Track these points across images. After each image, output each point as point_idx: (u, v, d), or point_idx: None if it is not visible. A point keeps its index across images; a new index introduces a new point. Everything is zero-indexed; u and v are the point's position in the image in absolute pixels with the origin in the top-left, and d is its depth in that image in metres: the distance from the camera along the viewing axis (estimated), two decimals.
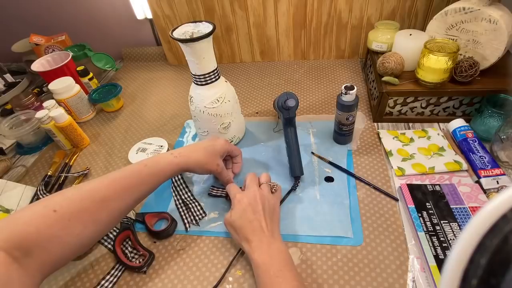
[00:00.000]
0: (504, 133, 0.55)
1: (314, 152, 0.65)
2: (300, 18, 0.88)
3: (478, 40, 0.61)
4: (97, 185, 0.43)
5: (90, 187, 0.43)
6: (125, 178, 0.46)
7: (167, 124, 0.79)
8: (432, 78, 0.61)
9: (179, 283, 0.48)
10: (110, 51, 1.06)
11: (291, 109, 0.59)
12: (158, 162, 0.49)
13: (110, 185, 0.44)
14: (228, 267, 0.48)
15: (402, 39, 0.69)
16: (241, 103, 0.82)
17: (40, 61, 0.86)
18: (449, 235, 0.46)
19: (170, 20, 0.94)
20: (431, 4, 0.80)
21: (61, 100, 0.78)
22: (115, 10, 1.04)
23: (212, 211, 0.57)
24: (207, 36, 0.52)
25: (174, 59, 1.05)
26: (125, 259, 0.51)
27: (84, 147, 0.76)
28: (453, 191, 0.52)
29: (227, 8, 0.89)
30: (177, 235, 0.54)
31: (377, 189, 0.56)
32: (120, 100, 0.88)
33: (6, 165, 0.72)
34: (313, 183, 0.59)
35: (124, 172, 0.46)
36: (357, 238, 0.50)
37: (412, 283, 0.44)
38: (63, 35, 1.02)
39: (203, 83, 0.59)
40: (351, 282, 0.45)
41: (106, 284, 0.48)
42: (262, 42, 0.95)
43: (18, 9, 1.08)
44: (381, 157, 0.62)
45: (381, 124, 0.70)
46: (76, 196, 0.42)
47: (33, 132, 0.75)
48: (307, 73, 0.91)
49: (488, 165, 0.54)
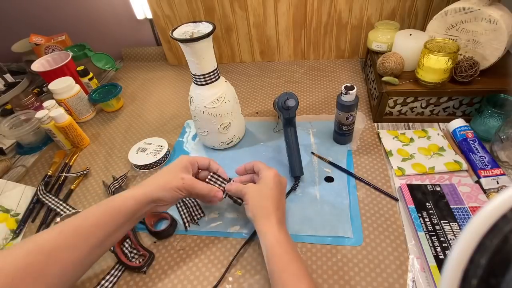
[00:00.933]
0: (504, 133, 0.55)
1: (314, 152, 0.65)
2: (300, 18, 0.88)
3: (478, 40, 0.61)
4: (46, 236, 0.38)
5: (37, 239, 0.38)
6: (76, 223, 0.40)
7: (167, 124, 0.79)
8: (432, 78, 0.61)
9: (179, 283, 0.48)
10: (110, 51, 1.06)
11: (291, 109, 0.59)
12: (112, 200, 0.44)
13: (60, 234, 0.38)
14: (228, 267, 0.48)
15: (402, 39, 0.69)
16: (241, 103, 0.82)
17: (40, 61, 0.86)
18: (449, 235, 0.46)
19: (170, 20, 0.94)
20: (431, 4, 0.80)
21: (61, 100, 0.78)
22: (115, 10, 1.04)
23: (212, 211, 0.57)
24: (207, 36, 0.52)
25: (174, 59, 1.05)
26: (125, 259, 0.50)
27: (84, 147, 0.76)
28: (453, 191, 0.52)
29: (227, 8, 0.89)
30: (177, 235, 0.54)
31: (377, 189, 0.56)
32: (120, 100, 0.88)
33: (6, 165, 0.72)
34: (313, 183, 0.59)
35: (76, 219, 0.41)
36: (357, 238, 0.50)
37: (412, 283, 0.44)
38: (63, 35, 1.02)
39: (203, 83, 0.59)
40: (351, 282, 0.45)
41: (106, 284, 0.48)
42: (262, 42, 0.95)
43: (18, 9, 1.08)
44: (381, 157, 0.62)
45: (381, 124, 0.70)
46: (20, 250, 0.36)
47: (33, 132, 0.75)
48: (307, 73, 0.91)
49: (488, 165, 0.54)
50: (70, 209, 0.60)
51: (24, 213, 0.61)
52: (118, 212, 0.43)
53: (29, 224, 0.60)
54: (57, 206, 0.61)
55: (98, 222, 0.41)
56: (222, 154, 0.68)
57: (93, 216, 0.41)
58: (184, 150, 0.71)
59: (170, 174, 0.48)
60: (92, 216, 0.41)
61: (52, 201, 0.62)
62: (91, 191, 0.64)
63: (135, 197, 0.44)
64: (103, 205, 0.43)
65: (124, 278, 0.49)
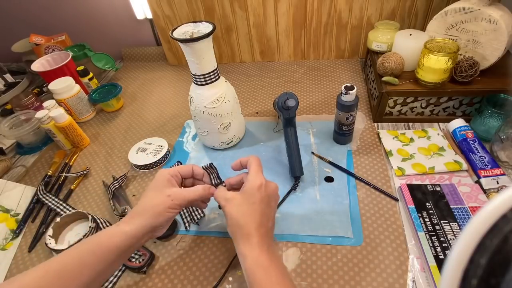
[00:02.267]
0: (504, 133, 0.55)
1: (314, 152, 0.65)
2: (300, 18, 0.88)
3: (478, 40, 0.61)
4: (28, 281, 0.35)
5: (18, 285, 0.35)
6: (62, 264, 0.37)
7: (167, 124, 0.79)
8: (432, 78, 0.61)
9: (179, 283, 0.48)
10: (110, 51, 1.06)
11: (291, 109, 0.59)
12: (98, 236, 0.40)
13: (44, 278, 0.36)
14: (228, 267, 0.48)
15: (402, 39, 0.69)
16: (241, 103, 0.82)
17: (40, 61, 0.86)
18: (449, 235, 0.46)
19: (170, 20, 0.94)
20: (431, 4, 0.80)
21: (61, 100, 0.78)
22: (115, 10, 1.04)
23: (212, 211, 0.57)
24: (207, 36, 0.52)
25: (174, 59, 1.05)
26: None
27: (84, 147, 0.76)
28: (453, 191, 0.52)
29: (227, 8, 0.89)
30: (177, 235, 0.54)
31: (377, 189, 0.56)
32: (120, 100, 0.88)
33: (6, 165, 0.72)
34: (313, 183, 0.59)
35: (61, 257, 0.38)
36: (357, 238, 0.50)
37: (412, 283, 0.44)
38: (63, 35, 1.02)
39: (203, 83, 0.59)
40: (351, 282, 0.45)
41: (106, 284, 0.48)
42: (262, 42, 0.95)
43: (18, 9, 1.08)
44: (381, 157, 0.62)
45: (381, 124, 0.70)
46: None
47: (33, 132, 0.75)
48: (307, 73, 0.91)
49: (488, 165, 0.54)
50: (70, 209, 0.60)
51: (24, 213, 0.61)
52: (107, 251, 0.39)
53: (29, 224, 0.60)
54: (57, 206, 0.61)
55: (85, 263, 0.37)
56: (222, 154, 0.68)
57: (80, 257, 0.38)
58: (184, 150, 0.71)
59: (156, 195, 0.43)
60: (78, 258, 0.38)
61: (52, 201, 0.62)
62: (91, 191, 0.64)
63: (124, 230, 0.40)
64: (90, 243, 0.39)
65: (124, 278, 0.49)
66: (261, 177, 0.43)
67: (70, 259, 0.37)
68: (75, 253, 0.38)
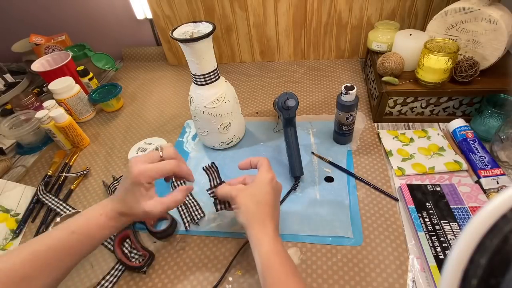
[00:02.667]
0: (504, 133, 0.55)
1: (314, 152, 0.65)
2: (300, 18, 0.88)
3: (478, 40, 0.61)
4: (14, 263, 0.36)
5: (4, 266, 0.36)
6: (49, 250, 0.38)
7: (167, 124, 0.79)
8: (432, 78, 0.61)
9: (179, 283, 0.48)
10: (110, 51, 1.06)
11: (291, 109, 0.59)
12: (88, 227, 0.41)
13: (30, 262, 0.37)
14: (228, 267, 0.48)
15: (402, 39, 0.69)
16: (241, 103, 0.82)
17: (40, 61, 0.86)
18: (449, 235, 0.46)
19: (170, 20, 0.94)
20: (431, 4, 0.80)
21: (61, 100, 0.78)
22: (115, 10, 1.04)
23: (212, 211, 0.57)
24: (207, 36, 0.52)
25: (174, 59, 1.05)
26: (125, 259, 0.50)
27: (84, 147, 0.76)
28: (453, 191, 0.52)
29: (227, 8, 0.89)
30: (177, 235, 0.54)
31: (377, 189, 0.56)
32: (120, 100, 0.88)
33: (6, 165, 0.72)
34: (313, 183, 0.59)
35: (47, 241, 0.39)
36: (357, 238, 0.50)
37: (412, 283, 0.44)
38: (63, 35, 1.02)
39: (203, 83, 0.59)
40: (351, 282, 0.45)
41: (106, 284, 0.48)
42: (262, 42, 0.95)
43: (18, 9, 1.08)
44: (381, 157, 0.62)
45: (381, 124, 0.69)
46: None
47: (33, 132, 0.75)
48: (307, 73, 0.91)
49: (488, 165, 0.54)
50: (70, 209, 0.60)
51: (24, 213, 0.61)
52: (93, 241, 0.41)
53: (29, 224, 0.60)
54: (57, 206, 0.61)
55: (71, 251, 0.40)
56: (222, 154, 0.68)
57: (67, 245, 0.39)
58: (184, 150, 0.71)
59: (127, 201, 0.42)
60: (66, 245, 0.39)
61: (52, 201, 0.62)
62: (91, 191, 0.64)
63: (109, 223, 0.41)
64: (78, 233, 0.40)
65: (124, 278, 0.49)
66: (272, 172, 0.46)
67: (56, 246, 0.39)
68: (62, 241, 0.39)
